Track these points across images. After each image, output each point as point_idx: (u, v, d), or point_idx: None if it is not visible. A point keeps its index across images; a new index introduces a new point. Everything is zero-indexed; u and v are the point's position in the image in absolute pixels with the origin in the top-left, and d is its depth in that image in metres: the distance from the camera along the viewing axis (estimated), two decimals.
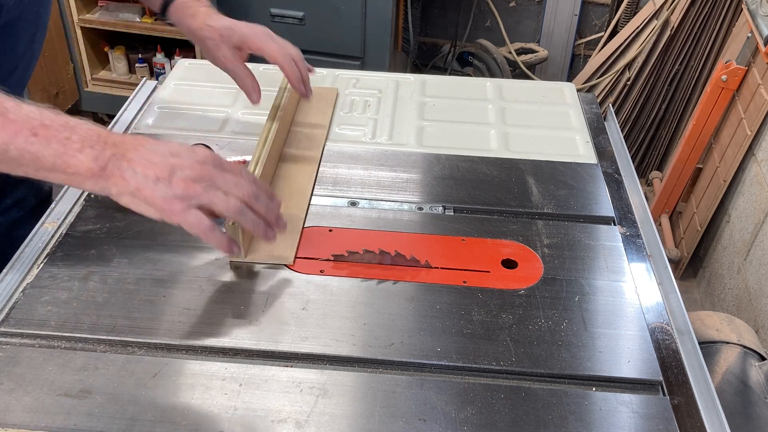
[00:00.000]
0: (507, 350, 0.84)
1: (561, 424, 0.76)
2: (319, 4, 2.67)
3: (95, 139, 0.79)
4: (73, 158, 0.78)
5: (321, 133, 1.25)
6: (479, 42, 3.30)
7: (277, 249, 0.97)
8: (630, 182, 1.19)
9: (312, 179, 1.13)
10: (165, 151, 0.81)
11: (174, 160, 0.81)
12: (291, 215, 1.04)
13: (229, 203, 0.82)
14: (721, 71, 2.30)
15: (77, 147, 0.78)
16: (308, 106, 1.31)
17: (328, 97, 1.36)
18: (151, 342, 0.84)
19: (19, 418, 0.74)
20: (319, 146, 1.22)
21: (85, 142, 0.78)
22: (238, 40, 1.08)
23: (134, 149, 0.80)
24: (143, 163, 0.79)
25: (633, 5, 3.06)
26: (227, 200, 0.82)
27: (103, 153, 0.79)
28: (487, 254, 0.99)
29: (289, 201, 1.07)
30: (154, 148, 0.81)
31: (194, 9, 1.12)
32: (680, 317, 0.93)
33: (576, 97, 1.41)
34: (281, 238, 0.99)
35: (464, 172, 1.17)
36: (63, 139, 0.78)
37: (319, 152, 1.20)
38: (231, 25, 1.09)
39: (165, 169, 0.79)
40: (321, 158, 1.19)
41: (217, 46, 1.10)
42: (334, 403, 0.77)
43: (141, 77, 2.79)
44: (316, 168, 1.16)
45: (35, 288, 0.90)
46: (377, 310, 0.89)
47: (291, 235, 1.00)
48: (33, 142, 0.77)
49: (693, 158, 2.49)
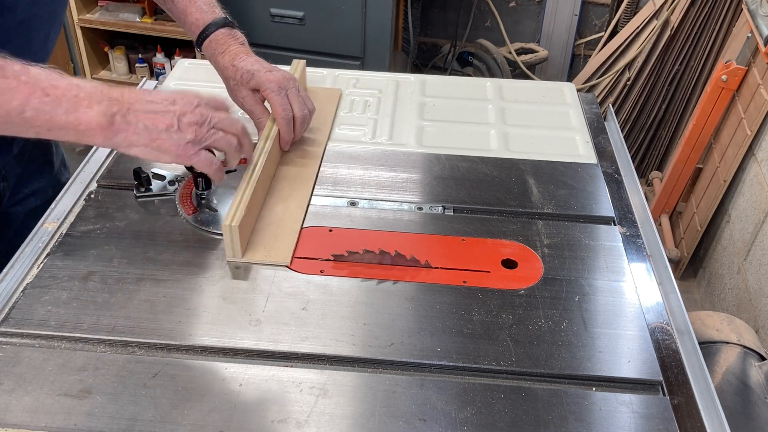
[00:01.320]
0: (507, 350, 0.84)
1: (561, 424, 0.76)
2: (319, 4, 2.67)
3: (101, 96, 0.85)
4: (84, 114, 0.83)
5: (323, 133, 1.25)
6: (479, 42, 3.30)
7: (275, 250, 0.97)
8: (630, 182, 1.19)
9: (312, 180, 1.13)
10: (163, 100, 0.89)
11: (175, 107, 0.89)
12: (290, 216, 1.04)
13: (230, 143, 0.94)
14: (721, 71, 2.30)
15: (86, 104, 0.83)
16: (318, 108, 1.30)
17: (332, 98, 1.36)
18: (151, 342, 0.84)
19: (19, 418, 0.74)
20: (321, 147, 1.21)
21: (93, 98, 0.84)
22: (255, 84, 1.11)
23: (137, 102, 0.87)
24: (150, 116, 0.87)
25: (633, 5, 3.06)
26: (228, 139, 0.93)
27: (110, 108, 0.84)
28: (487, 254, 0.99)
29: (288, 201, 1.07)
30: (153, 99, 0.88)
31: (226, 46, 1.14)
32: (680, 317, 0.93)
33: (576, 97, 1.41)
34: (279, 239, 0.99)
35: (464, 172, 1.17)
36: (72, 97, 0.83)
37: (320, 153, 1.20)
38: (252, 69, 1.10)
39: (171, 117, 0.88)
40: (322, 159, 1.18)
41: (238, 86, 1.13)
42: (334, 403, 0.77)
43: (141, 77, 2.79)
44: (316, 169, 1.16)
45: (35, 288, 0.90)
46: (377, 310, 0.89)
47: (288, 236, 1.00)
48: (46, 101, 0.81)
49: (693, 158, 2.49)
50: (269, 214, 1.04)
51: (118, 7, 2.94)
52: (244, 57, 1.13)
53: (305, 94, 1.17)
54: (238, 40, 1.15)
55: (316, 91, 1.37)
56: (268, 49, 2.72)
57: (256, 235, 1.00)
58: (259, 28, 2.74)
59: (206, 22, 1.15)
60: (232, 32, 1.16)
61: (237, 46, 1.14)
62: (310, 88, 1.37)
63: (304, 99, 1.14)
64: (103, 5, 2.96)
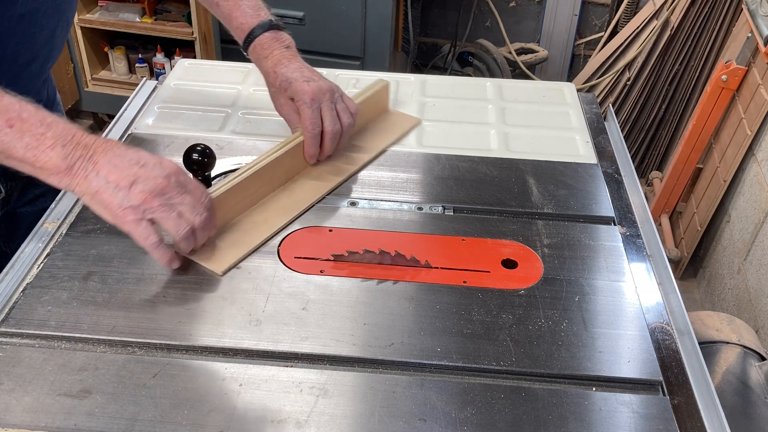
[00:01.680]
0: (507, 350, 0.84)
1: (561, 424, 0.76)
2: (319, 4, 2.67)
3: (69, 139, 0.83)
4: (44, 154, 0.82)
5: (365, 153, 1.19)
6: (479, 42, 3.30)
7: (215, 255, 0.95)
8: (630, 182, 1.19)
9: (316, 197, 1.08)
10: (132, 158, 0.85)
11: (138, 169, 0.84)
12: (258, 228, 1.01)
13: (179, 227, 0.86)
14: (721, 71, 2.30)
15: (50, 144, 0.82)
16: (377, 128, 1.25)
17: (404, 125, 1.28)
18: (151, 342, 0.84)
19: (19, 418, 0.74)
20: (352, 165, 1.15)
21: (58, 140, 0.83)
22: (291, 93, 1.09)
23: (103, 152, 0.84)
24: (108, 168, 0.83)
25: (633, 5, 3.06)
26: (178, 223, 0.86)
27: (74, 153, 0.83)
28: (487, 254, 0.99)
29: (273, 213, 1.03)
30: (122, 154, 0.85)
31: (269, 51, 1.12)
32: (680, 317, 0.93)
33: (576, 97, 1.41)
34: (227, 247, 0.97)
35: (464, 172, 1.17)
36: (38, 135, 0.82)
37: (348, 171, 1.14)
38: (291, 78, 1.08)
39: (127, 177, 0.83)
40: (346, 179, 1.13)
41: (277, 94, 1.12)
42: (334, 403, 0.77)
43: (141, 77, 2.79)
44: (332, 186, 1.10)
45: (35, 288, 0.90)
46: (377, 310, 0.89)
47: (238, 247, 0.97)
48: (7, 132, 0.81)
49: (693, 158, 2.49)
50: (245, 220, 1.02)
51: (118, 7, 2.94)
52: (287, 63, 1.10)
53: (347, 105, 1.11)
54: (284, 44, 1.13)
55: (395, 113, 1.31)
56: None
57: (216, 236, 0.98)
58: None
59: (251, 26, 1.13)
60: (277, 35, 1.13)
61: (281, 51, 1.12)
62: (391, 110, 1.31)
63: (340, 113, 1.09)
64: (103, 5, 2.96)
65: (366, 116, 1.25)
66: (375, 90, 1.25)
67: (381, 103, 1.30)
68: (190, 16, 2.87)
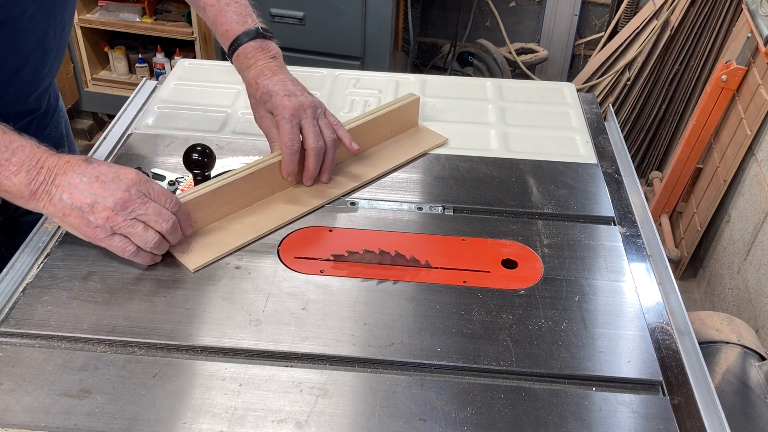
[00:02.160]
0: (507, 350, 0.84)
1: (561, 424, 0.76)
2: (319, 4, 2.67)
3: (33, 164, 0.85)
4: (7, 180, 0.84)
5: (374, 168, 1.15)
6: (479, 42, 3.30)
7: (191, 252, 0.96)
8: (630, 182, 1.19)
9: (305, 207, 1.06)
10: (91, 176, 0.86)
11: (97, 187, 0.85)
12: (239, 232, 1.00)
13: (147, 239, 0.89)
14: (721, 71, 2.30)
15: (14, 170, 0.84)
16: (399, 143, 1.21)
17: (427, 143, 1.23)
18: (151, 342, 0.84)
19: (19, 418, 0.74)
20: (355, 181, 1.12)
21: (23, 167, 0.84)
22: (270, 107, 1.06)
23: (63, 174, 0.85)
24: (69, 190, 0.85)
25: (633, 5, 3.06)
26: (145, 236, 0.88)
27: (37, 178, 0.85)
28: (487, 254, 0.99)
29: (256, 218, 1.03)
30: (82, 172, 0.86)
31: (253, 61, 1.09)
32: (680, 317, 0.93)
33: (576, 97, 1.41)
34: (204, 246, 0.97)
35: (464, 172, 1.17)
36: (2, 161, 0.84)
37: (351, 186, 1.11)
38: (272, 91, 1.05)
39: (87, 197, 0.85)
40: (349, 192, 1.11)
41: (257, 105, 1.10)
42: (334, 403, 0.77)
43: (141, 77, 2.79)
44: (323, 199, 1.08)
45: (35, 288, 0.90)
46: (377, 310, 0.89)
47: (215, 247, 0.97)
48: None
49: (693, 158, 2.49)
50: (234, 222, 1.02)
51: (118, 7, 2.94)
52: (270, 75, 1.07)
53: (329, 121, 1.07)
54: (269, 54, 1.10)
55: (423, 130, 1.26)
56: None
57: (200, 233, 0.99)
58: None
59: (236, 34, 1.10)
60: (264, 44, 1.10)
61: (265, 61, 1.09)
62: (420, 126, 1.27)
63: (322, 128, 1.05)
64: (103, 5, 2.96)
65: (389, 129, 1.21)
66: (402, 104, 1.21)
67: (408, 117, 1.24)
68: (190, 16, 2.88)
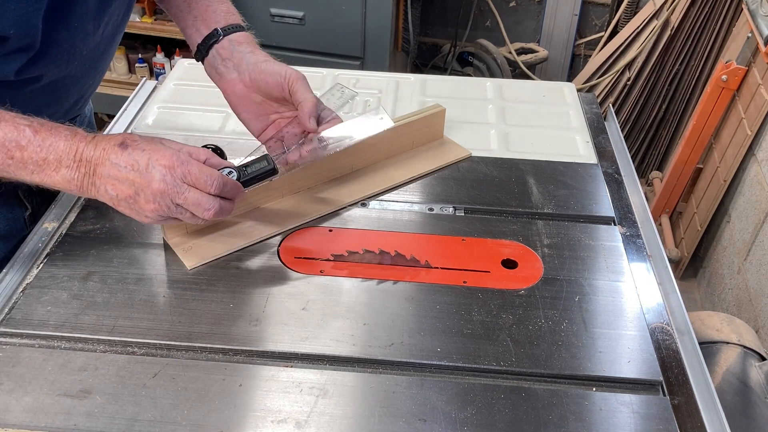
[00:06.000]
0: (507, 350, 0.84)
1: (561, 424, 0.76)
2: (319, 4, 2.67)
3: (71, 159, 0.83)
4: (50, 178, 0.83)
5: (381, 181, 1.12)
6: (479, 42, 3.30)
7: (193, 250, 0.96)
8: (630, 182, 1.19)
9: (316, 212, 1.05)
10: (127, 164, 0.83)
11: (135, 177, 0.83)
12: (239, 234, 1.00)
13: (197, 221, 0.87)
14: (721, 71, 2.30)
15: (54, 167, 0.83)
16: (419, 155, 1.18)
17: (451, 155, 1.19)
18: (151, 342, 0.84)
19: (19, 418, 0.74)
20: (360, 193, 1.09)
21: (62, 163, 0.83)
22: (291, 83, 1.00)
23: (101, 164, 0.84)
24: (110, 182, 0.84)
25: (633, 5, 3.06)
26: (195, 219, 0.86)
27: (77, 173, 0.83)
28: (487, 254, 0.99)
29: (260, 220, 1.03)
30: (118, 161, 0.84)
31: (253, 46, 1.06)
32: (680, 317, 0.93)
33: (576, 97, 1.41)
34: (205, 246, 0.97)
35: (464, 172, 1.17)
36: (39, 160, 0.82)
37: (355, 198, 1.09)
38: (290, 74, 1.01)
39: (128, 188, 0.84)
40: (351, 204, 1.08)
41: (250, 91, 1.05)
42: (334, 403, 0.77)
43: (141, 77, 2.79)
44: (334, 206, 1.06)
45: (35, 288, 0.90)
46: (377, 310, 0.89)
47: (215, 247, 0.97)
48: (10, 164, 0.82)
49: (693, 158, 2.49)
50: (238, 223, 1.01)
51: None
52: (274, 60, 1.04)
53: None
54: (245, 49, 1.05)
55: (448, 142, 1.23)
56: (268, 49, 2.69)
57: (204, 231, 0.99)
58: (259, 28, 2.71)
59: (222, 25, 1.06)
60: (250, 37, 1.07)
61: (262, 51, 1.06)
62: (445, 138, 1.24)
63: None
64: None
65: (410, 139, 1.18)
66: (425, 114, 1.17)
67: (432, 128, 1.21)
68: None
